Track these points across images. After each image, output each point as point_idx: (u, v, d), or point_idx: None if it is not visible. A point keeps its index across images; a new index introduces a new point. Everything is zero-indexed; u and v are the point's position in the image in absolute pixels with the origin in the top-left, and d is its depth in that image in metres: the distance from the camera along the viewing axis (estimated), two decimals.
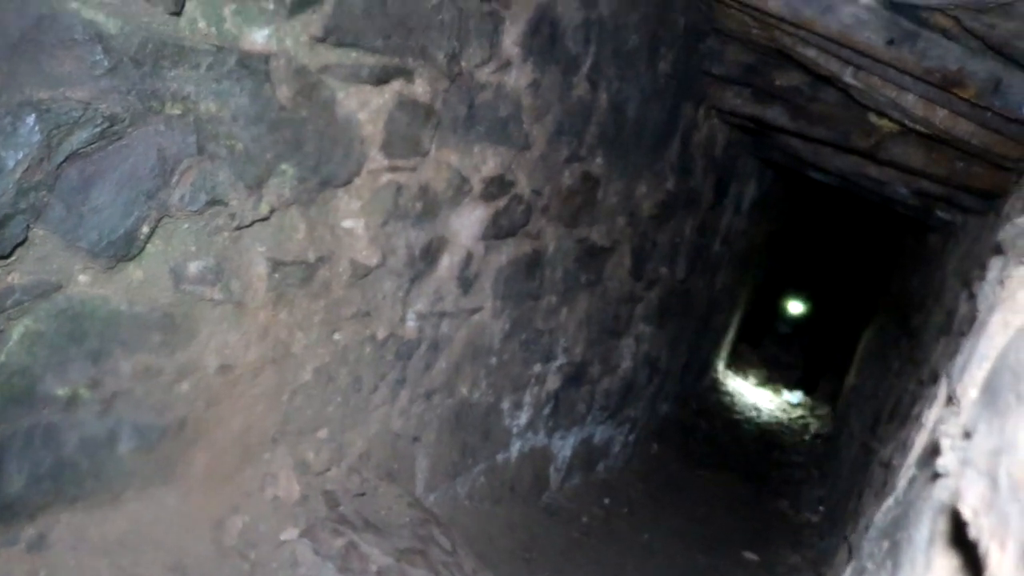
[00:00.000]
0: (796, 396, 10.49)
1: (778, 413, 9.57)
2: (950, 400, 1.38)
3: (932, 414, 1.61)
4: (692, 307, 5.90)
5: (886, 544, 1.26)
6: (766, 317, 11.26)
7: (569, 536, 4.15)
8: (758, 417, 8.93)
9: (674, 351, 5.88)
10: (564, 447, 4.56)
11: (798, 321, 12.48)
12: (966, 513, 0.74)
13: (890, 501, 1.48)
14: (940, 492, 1.05)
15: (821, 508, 6.07)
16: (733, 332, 9.40)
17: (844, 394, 8.54)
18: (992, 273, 1.77)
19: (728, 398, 8.96)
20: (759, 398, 9.88)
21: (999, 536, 0.65)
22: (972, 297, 2.29)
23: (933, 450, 1.27)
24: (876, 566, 1.25)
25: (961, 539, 0.85)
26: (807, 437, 8.74)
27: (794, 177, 6.21)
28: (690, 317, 5.97)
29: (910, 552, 1.05)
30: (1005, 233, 1.75)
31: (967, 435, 1.01)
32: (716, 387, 8.94)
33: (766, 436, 8.33)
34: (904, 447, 2.45)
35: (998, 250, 1.82)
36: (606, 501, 4.87)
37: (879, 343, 6.51)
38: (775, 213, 7.36)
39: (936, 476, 1.11)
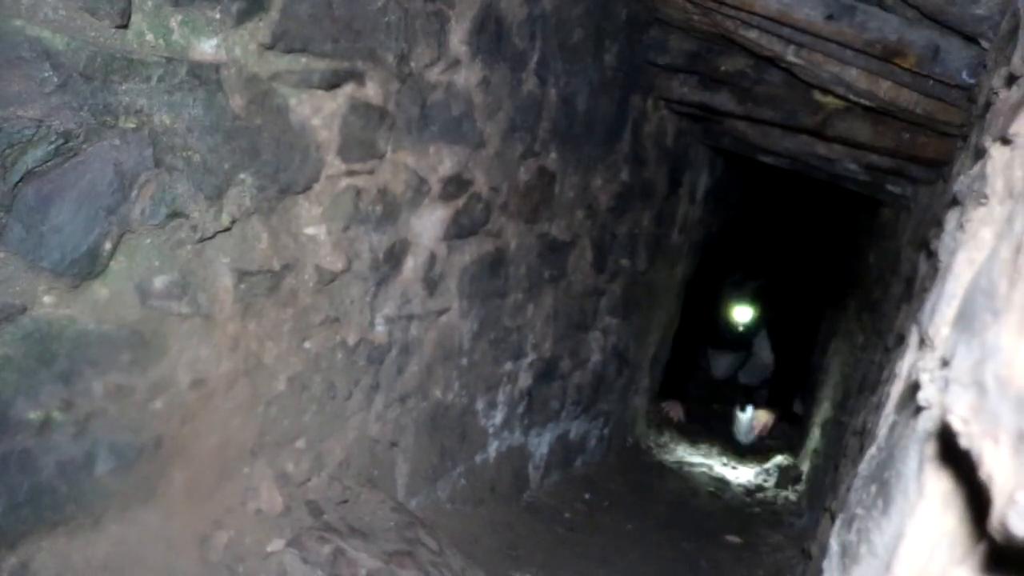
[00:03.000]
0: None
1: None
2: (923, 343, 1.40)
3: (905, 363, 1.64)
4: (656, 297, 5.94)
5: (874, 487, 1.28)
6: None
7: (553, 532, 4.15)
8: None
9: (641, 342, 5.91)
10: (541, 444, 4.57)
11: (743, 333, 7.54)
12: (956, 425, 0.76)
13: (872, 450, 1.51)
14: (924, 423, 1.07)
15: (799, 487, 6.13)
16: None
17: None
18: (950, 224, 1.81)
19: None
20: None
21: (991, 433, 0.67)
22: (932, 255, 2.33)
23: (912, 390, 1.30)
24: (866, 509, 1.27)
25: (951, 455, 0.87)
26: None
27: (746, 163, 6.28)
28: (655, 307, 6.01)
29: (900, 485, 1.07)
30: (959, 184, 1.79)
31: (945, 364, 1.04)
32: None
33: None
34: (878, 408, 2.48)
35: (954, 202, 1.86)
36: (587, 495, 4.88)
37: (843, 320, 6.60)
38: (730, 200, 7.43)
39: (919, 410, 1.13)
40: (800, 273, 8.58)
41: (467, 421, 3.74)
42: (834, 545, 1.50)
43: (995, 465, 0.64)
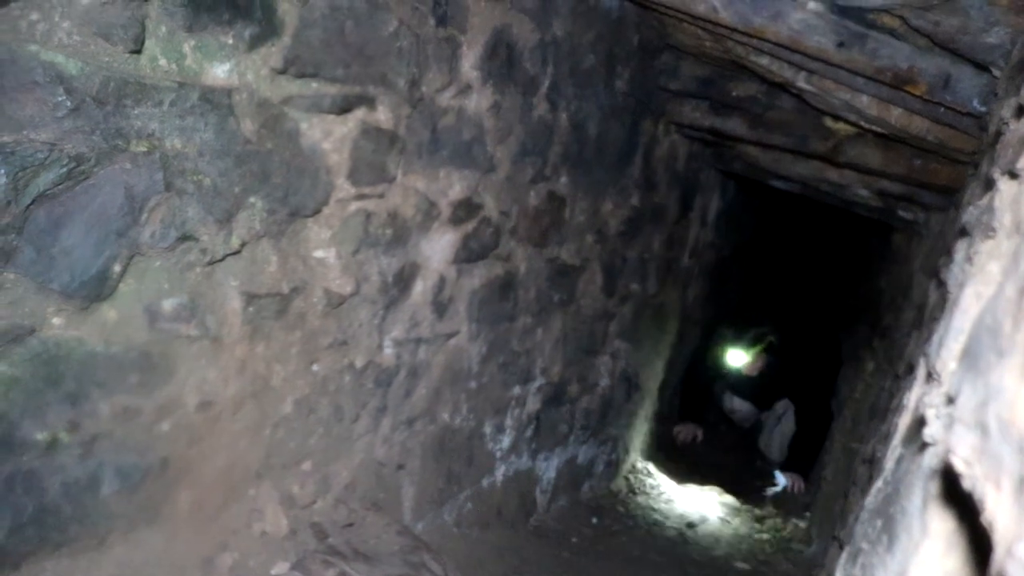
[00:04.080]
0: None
1: None
2: (930, 377, 1.40)
3: (913, 395, 1.63)
4: (666, 322, 5.93)
5: (879, 522, 1.27)
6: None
7: (559, 557, 4.13)
8: None
9: (651, 367, 5.89)
10: (548, 469, 4.55)
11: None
12: (959, 466, 0.76)
13: (879, 483, 1.49)
14: (929, 460, 1.06)
15: (808, 514, 6.08)
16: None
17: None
18: (959, 255, 1.80)
19: None
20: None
21: (993, 477, 0.66)
22: (941, 284, 2.32)
23: (918, 424, 1.29)
24: (871, 544, 1.26)
25: (954, 496, 0.86)
26: None
27: (757, 188, 6.28)
28: (665, 332, 6.00)
29: (904, 522, 1.06)
30: (968, 215, 1.79)
31: (950, 401, 1.03)
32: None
33: None
34: (887, 438, 2.47)
35: (963, 233, 1.85)
36: (594, 520, 4.85)
37: (854, 346, 6.56)
38: (741, 225, 7.42)
39: (924, 446, 1.12)
40: (812, 299, 8.36)
41: (474, 445, 3.73)
42: None
43: (997, 511, 0.64)
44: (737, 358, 6.44)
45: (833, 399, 6.63)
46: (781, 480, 6.58)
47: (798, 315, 7.78)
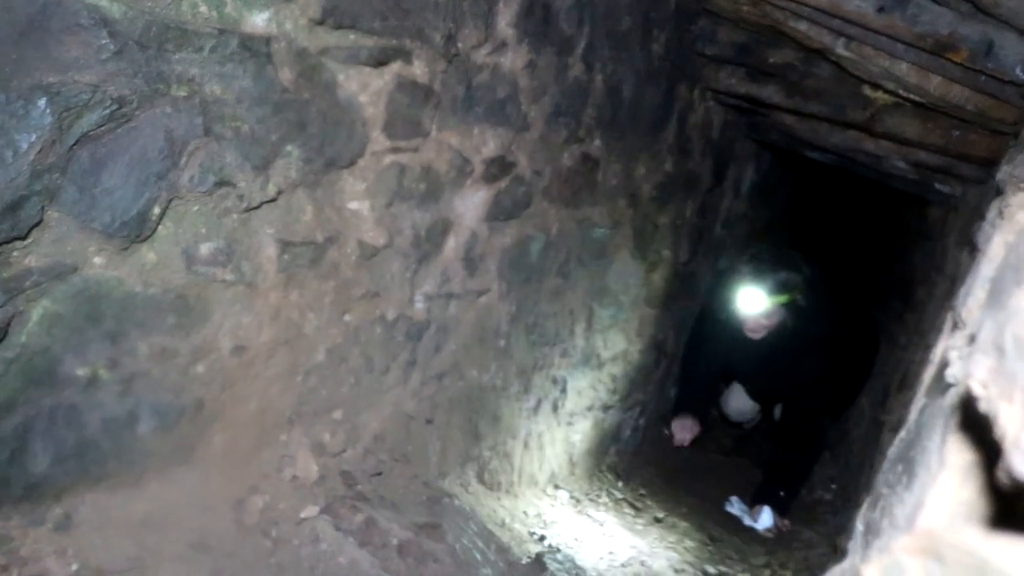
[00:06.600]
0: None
1: None
2: (955, 326, 1.40)
3: (939, 348, 1.64)
4: (696, 289, 5.91)
5: (900, 467, 1.28)
6: None
7: (583, 518, 4.17)
8: None
9: (680, 334, 5.88)
10: (574, 431, 4.58)
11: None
12: (976, 390, 0.77)
13: (902, 434, 1.51)
14: (950, 400, 1.08)
15: (834, 486, 6.07)
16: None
17: None
18: (991, 213, 1.80)
19: None
20: None
21: (1007, 394, 0.68)
22: (973, 247, 2.32)
23: (942, 370, 1.30)
24: (891, 488, 1.27)
25: (972, 424, 0.88)
26: None
27: (792, 159, 6.22)
28: (694, 300, 5.98)
29: (924, 459, 1.08)
30: (1002, 173, 1.78)
31: (972, 340, 1.04)
32: None
33: None
34: (913, 399, 2.47)
35: (997, 192, 1.85)
36: (619, 484, 4.89)
37: (885, 320, 6.52)
38: (775, 197, 7.35)
39: (946, 388, 1.14)
40: (845, 276, 7.79)
41: (501, 403, 3.76)
42: (859, 526, 1.50)
43: (1008, 422, 0.65)
44: (749, 301, 4.62)
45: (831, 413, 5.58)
46: (765, 520, 4.98)
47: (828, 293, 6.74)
